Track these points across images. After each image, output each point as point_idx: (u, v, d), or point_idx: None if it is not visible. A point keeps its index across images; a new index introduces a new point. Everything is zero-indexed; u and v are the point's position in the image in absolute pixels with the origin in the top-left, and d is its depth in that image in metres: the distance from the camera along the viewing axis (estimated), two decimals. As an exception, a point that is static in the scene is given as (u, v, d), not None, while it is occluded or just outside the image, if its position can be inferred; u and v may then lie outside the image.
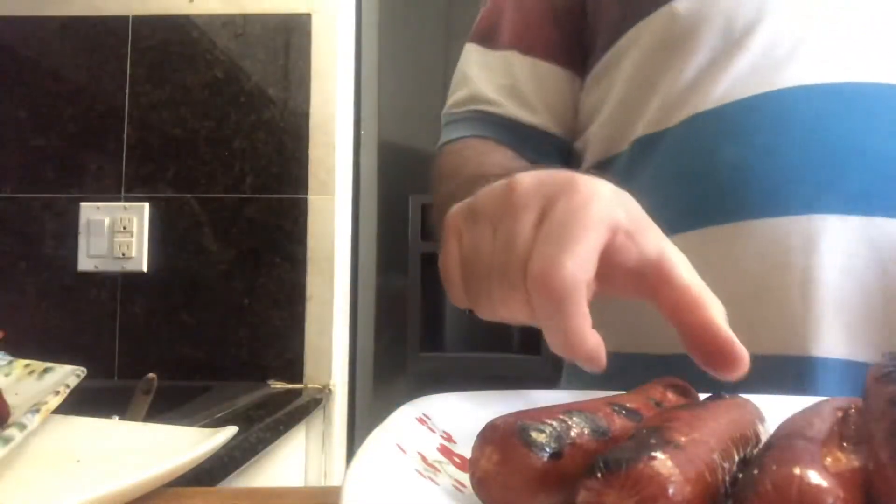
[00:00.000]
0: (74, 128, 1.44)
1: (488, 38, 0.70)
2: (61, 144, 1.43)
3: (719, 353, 0.32)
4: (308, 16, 1.44)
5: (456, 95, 0.71)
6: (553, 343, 0.33)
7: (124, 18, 1.44)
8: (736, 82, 0.55)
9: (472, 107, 0.69)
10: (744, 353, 0.32)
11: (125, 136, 1.43)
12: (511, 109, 0.67)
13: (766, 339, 0.51)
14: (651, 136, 0.59)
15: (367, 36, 1.58)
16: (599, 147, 0.65)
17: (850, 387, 0.48)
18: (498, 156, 0.65)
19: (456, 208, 0.39)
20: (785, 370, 0.50)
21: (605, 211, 0.33)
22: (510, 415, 0.27)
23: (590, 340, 0.32)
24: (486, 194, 0.37)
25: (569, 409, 0.27)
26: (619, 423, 0.28)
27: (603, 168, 0.64)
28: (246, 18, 1.44)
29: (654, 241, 0.35)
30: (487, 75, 0.69)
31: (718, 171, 0.54)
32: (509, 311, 0.36)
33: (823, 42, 0.54)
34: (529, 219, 0.34)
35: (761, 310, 0.51)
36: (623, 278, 0.35)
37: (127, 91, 1.43)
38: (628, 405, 0.30)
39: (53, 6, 1.45)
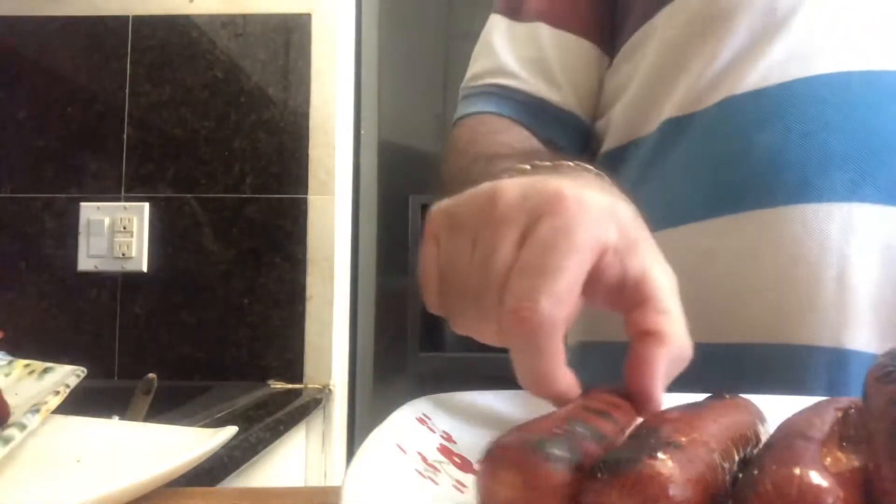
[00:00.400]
0: (74, 128, 1.44)
1: (515, 9, 0.67)
2: (61, 144, 1.43)
3: (635, 394, 0.32)
4: (308, 16, 1.44)
5: (476, 66, 0.69)
6: (522, 379, 0.32)
7: (124, 18, 1.44)
8: (774, 66, 0.53)
9: (493, 80, 0.66)
10: (656, 406, 0.32)
11: (125, 136, 1.43)
12: (534, 85, 0.64)
13: (797, 328, 0.50)
14: (682, 118, 0.57)
15: (367, 36, 1.58)
16: (623, 128, 0.63)
17: None
18: (511, 135, 0.62)
19: (436, 210, 0.37)
20: (816, 361, 0.49)
21: (593, 232, 0.32)
22: (510, 433, 0.25)
23: (560, 382, 0.31)
24: (467, 200, 0.35)
25: (564, 418, 0.27)
26: (602, 424, 0.28)
27: (627, 150, 0.62)
28: (246, 18, 1.44)
29: (641, 260, 0.33)
30: (512, 47, 0.66)
31: (754, 156, 0.52)
32: (481, 334, 0.34)
33: (864, 28, 0.53)
34: (510, 237, 0.32)
35: (794, 298, 0.50)
36: (602, 292, 0.34)
37: (127, 91, 1.43)
38: (596, 407, 0.30)
39: (53, 6, 1.44)
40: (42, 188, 1.43)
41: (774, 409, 0.31)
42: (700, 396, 0.33)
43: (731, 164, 0.54)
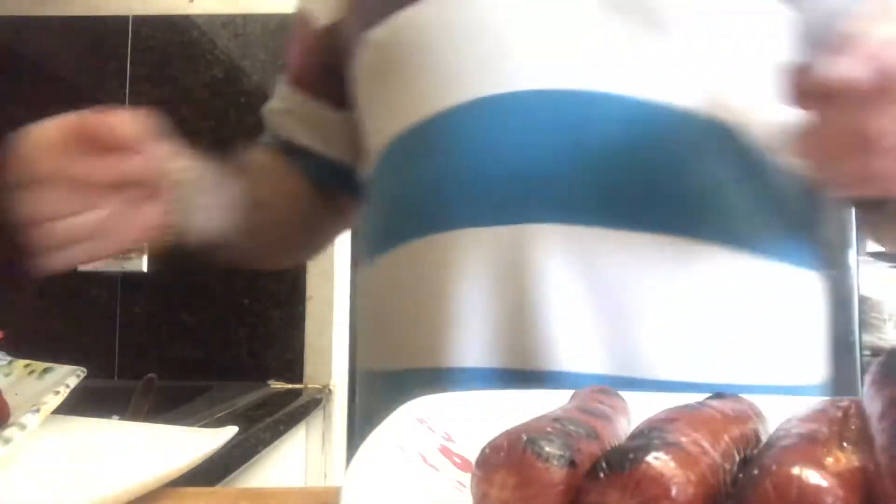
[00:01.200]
0: (74, 128, 1.43)
1: (286, 70, 0.77)
2: (61, 144, 1.43)
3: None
4: (308, 16, 1.44)
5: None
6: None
7: (124, 18, 1.44)
8: (424, 101, 0.56)
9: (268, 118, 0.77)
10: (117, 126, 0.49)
11: (125, 136, 1.43)
12: (281, 130, 0.74)
13: (408, 354, 0.55)
14: (379, 153, 0.61)
15: (367, 36, 1.58)
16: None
17: None
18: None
19: None
20: (423, 383, 0.50)
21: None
22: (502, 435, 0.25)
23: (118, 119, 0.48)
24: None
25: (555, 418, 0.27)
26: (595, 423, 0.28)
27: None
28: (246, 18, 1.44)
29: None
30: (274, 99, 0.77)
31: (411, 189, 0.56)
32: None
33: (500, 51, 0.53)
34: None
35: (409, 328, 0.55)
36: None
37: (127, 91, 1.43)
38: (589, 407, 0.30)
39: (53, 6, 1.44)
40: (42, 188, 1.43)
41: (774, 409, 0.31)
42: (700, 396, 0.33)
43: (399, 197, 0.58)
